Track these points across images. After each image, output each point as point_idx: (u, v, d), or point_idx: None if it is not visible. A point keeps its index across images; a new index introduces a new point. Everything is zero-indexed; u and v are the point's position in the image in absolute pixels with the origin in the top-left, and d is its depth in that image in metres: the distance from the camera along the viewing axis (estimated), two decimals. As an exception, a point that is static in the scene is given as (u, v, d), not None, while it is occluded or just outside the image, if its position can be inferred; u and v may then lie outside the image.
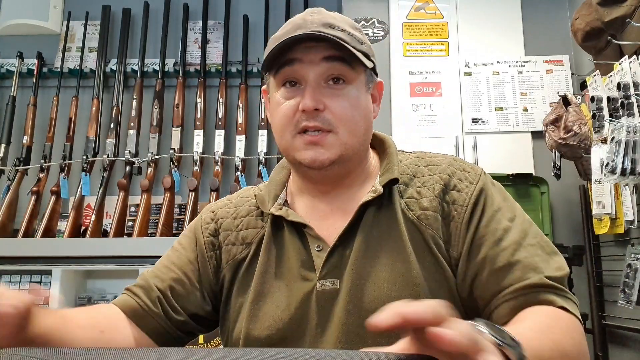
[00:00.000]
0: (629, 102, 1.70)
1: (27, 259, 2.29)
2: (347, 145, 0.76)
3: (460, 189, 0.78)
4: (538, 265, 0.73)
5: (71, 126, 2.68)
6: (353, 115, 0.76)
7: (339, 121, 0.75)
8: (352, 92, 0.77)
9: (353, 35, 0.77)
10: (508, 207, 0.79)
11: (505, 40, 2.55)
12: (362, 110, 0.79)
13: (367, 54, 0.79)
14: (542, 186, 2.34)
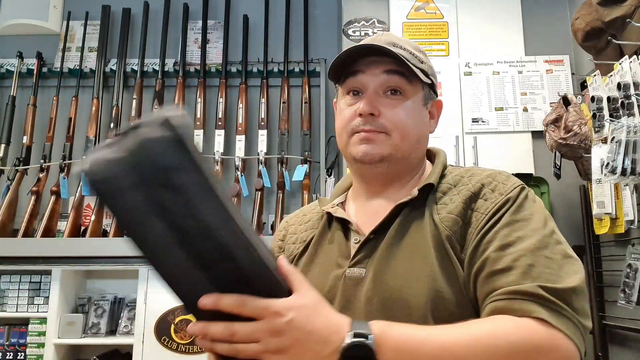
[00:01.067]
0: (629, 102, 1.70)
1: (27, 259, 2.29)
2: (397, 147, 0.83)
3: (488, 198, 0.79)
4: (541, 275, 0.69)
5: (71, 126, 2.68)
6: (406, 123, 0.84)
7: (393, 126, 0.83)
8: (407, 104, 0.84)
9: (414, 55, 0.86)
10: (538, 220, 0.76)
11: (506, 40, 2.55)
12: (416, 121, 0.86)
13: (426, 72, 0.86)
14: (542, 186, 2.34)
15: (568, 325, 0.65)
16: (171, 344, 2.19)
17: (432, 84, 0.88)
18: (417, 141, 0.86)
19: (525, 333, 0.64)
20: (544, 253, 0.71)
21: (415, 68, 0.83)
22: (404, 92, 0.84)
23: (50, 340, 2.23)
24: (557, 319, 0.65)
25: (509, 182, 0.81)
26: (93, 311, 2.37)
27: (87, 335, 2.31)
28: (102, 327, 2.33)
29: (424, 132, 0.88)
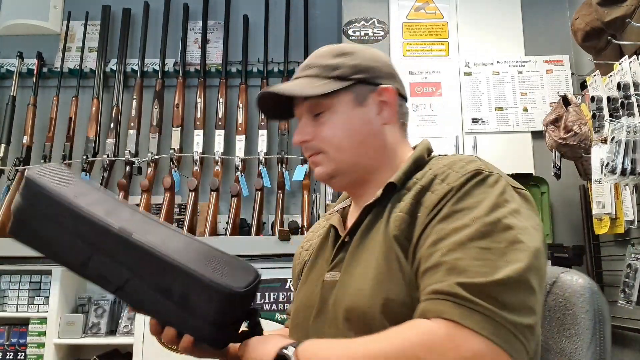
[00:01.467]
0: (629, 102, 1.70)
1: (27, 259, 2.28)
2: (337, 160, 0.86)
3: (435, 190, 0.76)
4: (468, 269, 0.64)
5: (71, 126, 2.69)
6: (335, 136, 0.85)
7: (325, 144, 0.86)
8: (332, 118, 0.86)
9: (328, 66, 0.87)
10: (484, 207, 0.70)
11: (505, 40, 2.55)
12: (347, 128, 0.85)
13: (344, 75, 0.86)
14: (542, 186, 2.34)
15: (480, 322, 0.61)
16: (171, 343, 2.19)
17: (364, 79, 0.86)
18: (357, 145, 0.85)
19: (416, 336, 0.62)
20: (480, 244, 0.66)
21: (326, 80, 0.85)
22: (326, 108, 0.86)
23: (50, 340, 2.23)
24: (467, 317, 0.61)
25: (462, 170, 0.76)
26: (93, 311, 2.37)
27: (87, 335, 2.31)
28: (102, 327, 2.33)
29: (366, 131, 0.86)
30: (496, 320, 0.61)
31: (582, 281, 0.86)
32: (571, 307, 0.84)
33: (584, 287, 0.85)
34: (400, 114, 0.91)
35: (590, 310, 0.83)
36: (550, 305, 0.86)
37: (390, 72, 0.90)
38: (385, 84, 0.88)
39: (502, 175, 0.78)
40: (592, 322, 0.82)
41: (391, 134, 0.90)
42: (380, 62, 0.90)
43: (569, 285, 0.86)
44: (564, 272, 0.89)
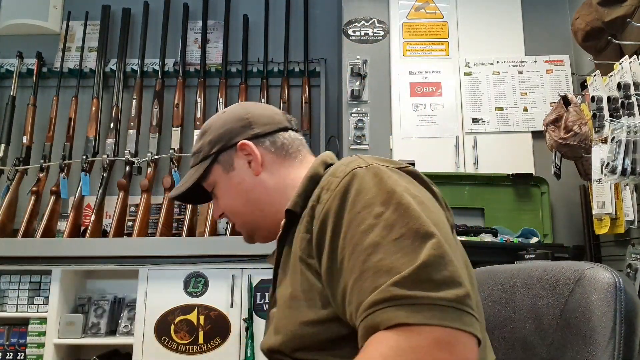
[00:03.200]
0: (629, 102, 1.70)
1: (27, 259, 2.28)
2: (241, 223, 0.95)
3: (322, 200, 0.74)
4: (394, 264, 0.62)
5: (71, 126, 2.68)
6: (227, 206, 0.95)
7: (230, 214, 0.96)
8: (219, 192, 0.95)
9: (194, 152, 0.97)
10: (379, 202, 0.68)
11: (506, 40, 2.55)
12: (232, 195, 0.94)
13: (205, 155, 0.95)
14: (542, 186, 2.34)
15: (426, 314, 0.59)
16: (171, 344, 2.19)
17: (220, 150, 0.93)
18: (245, 204, 0.93)
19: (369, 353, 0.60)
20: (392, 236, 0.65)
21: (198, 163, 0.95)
22: (212, 186, 0.95)
23: (50, 340, 2.23)
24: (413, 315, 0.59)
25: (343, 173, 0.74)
26: (93, 311, 2.37)
27: (87, 335, 2.31)
28: (102, 327, 2.33)
29: (246, 190, 0.92)
30: (439, 304, 0.59)
31: (608, 277, 0.77)
32: (591, 306, 0.77)
33: (609, 284, 0.76)
34: (276, 148, 0.93)
35: (611, 309, 0.75)
36: (571, 306, 0.80)
37: (243, 124, 0.93)
38: (241, 139, 0.92)
39: (381, 164, 0.76)
40: (611, 322, 0.74)
41: (271, 175, 0.92)
42: (230, 122, 0.94)
43: (592, 282, 0.79)
44: (590, 267, 0.81)
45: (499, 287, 0.98)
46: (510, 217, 2.30)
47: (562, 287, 0.83)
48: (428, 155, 2.38)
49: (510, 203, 2.34)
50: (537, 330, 0.86)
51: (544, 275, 0.88)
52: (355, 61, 2.49)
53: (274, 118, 0.96)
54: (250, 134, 0.93)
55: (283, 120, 0.96)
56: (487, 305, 0.98)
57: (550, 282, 0.86)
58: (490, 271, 1.04)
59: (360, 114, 2.45)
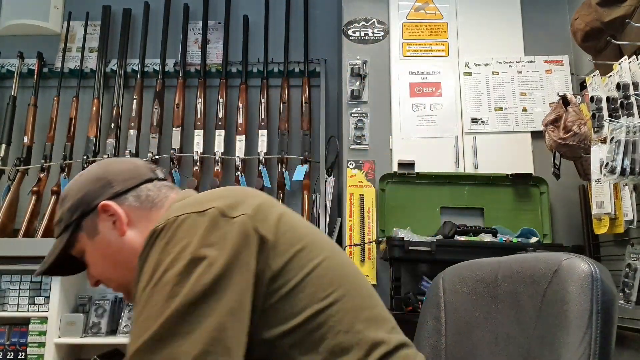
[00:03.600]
0: (628, 102, 1.70)
1: (27, 259, 2.29)
2: (119, 285, 0.91)
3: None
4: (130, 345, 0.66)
5: (71, 126, 2.69)
6: (98, 272, 0.91)
7: (102, 279, 0.92)
8: (88, 259, 0.91)
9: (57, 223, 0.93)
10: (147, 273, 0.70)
11: (505, 40, 2.56)
12: (99, 261, 0.90)
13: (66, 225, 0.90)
14: (541, 186, 2.34)
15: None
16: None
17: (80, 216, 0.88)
18: (114, 268, 0.88)
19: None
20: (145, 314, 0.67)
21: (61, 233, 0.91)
22: (81, 254, 0.91)
23: (50, 340, 2.23)
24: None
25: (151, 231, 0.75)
26: (94, 311, 2.37)
27: (87, 334, 2.32)
28: (103, 327, 2.34)
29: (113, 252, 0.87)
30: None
31: (584, 267, 0.78)
32: (567, 298, 0.77)
33: (585, 273, 0.77)
34: (140, 202, 0.88)
35: (587, 299, 0.75)
36: (549, 298, 0.81)
37: (101, 185, 0.89)
38: (101, 200, 0.88)
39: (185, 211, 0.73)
40: (587, 313, 0.74)
41: (139, 233, 0.87)
42: (87, 186, 0.89)
43: (569, 273, 0.79)
44: (567, 258, 0.81)
45: (482, 282, 0.98)
46: (509, 217, 2.31)
47: (540, 278, 0.83)
48: (428, 155, 2.39)
49: (509, 203, 2.35)
50: (519, 322, 0.86)
51: (524, 268, 0.88)
52: (355, 61, 2.50)
53: (135, 172, 0.91)
54: (110, 192, 0.88)
55: (146, 172, 0.92)
56: (471, 300, 0.99)
57: (529, 274, 0.86)
58: (473, 265, 1.04)
59: (360, 114, 2.46)
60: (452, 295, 1.06)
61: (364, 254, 2.29)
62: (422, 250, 2.02)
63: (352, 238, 2.31)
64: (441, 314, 1.07)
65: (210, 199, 0.75)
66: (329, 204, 2.48)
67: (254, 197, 0.78)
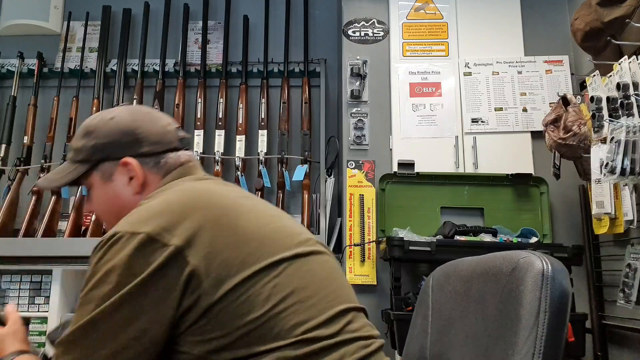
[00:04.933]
0: (628, 102, 1.70)
1: (27, 259, 2.29)
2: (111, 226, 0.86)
3: None
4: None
5: (72, 126, 2.69)
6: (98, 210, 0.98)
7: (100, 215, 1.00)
8: (93, 194, 0.97)
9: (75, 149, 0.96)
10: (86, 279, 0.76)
11: (505, 40, 2.56)
12: (103, 202, 0.95)
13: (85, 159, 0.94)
14: (541, 186, 2.34)
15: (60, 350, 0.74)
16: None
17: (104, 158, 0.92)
18: (114, 217, 0.88)
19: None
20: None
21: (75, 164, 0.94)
22: (89, 186, 0.96)
23: (50, 340, 2.23)
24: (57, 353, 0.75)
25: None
26: (93, 311, 2.37)
27: (87, 335, 2.31)
28: (103, 327, 2.33)
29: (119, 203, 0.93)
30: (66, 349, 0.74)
31: (538, 265, 0.76)
32: (519, 295, 0.76)
33: (537, 271, 0.76)
34: (159, 169, 0.92)
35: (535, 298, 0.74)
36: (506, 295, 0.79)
37: (132, 140, 0.91)
38: (128, 155, 0.91)
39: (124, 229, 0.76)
40: (535, 311, 0.73)
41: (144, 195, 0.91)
42: (118, 134, 0.92)
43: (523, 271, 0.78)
44: (525, 256, 0.80)
45: (461, 280, 0.96)
46: (509, 217, 2.31)
47: (501, 276, 0.82)
48: (428, 155, 2.39)
49: (509, 203, 2.35)
50: (483, 321, 0.84)
51: (490, 266, 0.86)
52: (355, 61, 2.50)
53: (164, 137, 0.94)
54: (136, 151, 0.91)
55: (173, 140, 0.95)
56: (452, 298, 0.97)
57: (494, 272, 0.84)
58: (458, 264, 1.02)
59: (360, 114, 2.46)
60: (438, 293, 1.04)
61: (364, 254, 2.29)
62: (422, 250, 2.02)
63: (352, 238, 2.31)
64: (428, 313, 1.06)
65: (147, 216, 0.76)
66: (329, 204, 2.48)
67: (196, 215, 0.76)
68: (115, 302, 0.71)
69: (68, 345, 0.73)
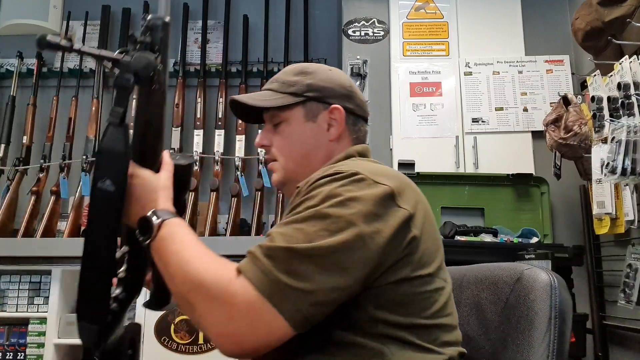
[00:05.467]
0: (629, 102, 1.70)
1: (27, 259, 2.28)
2: (287, 169, 0.96)
3: (300, 191, 0.83)
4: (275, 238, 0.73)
5: (71, 126, 2.68)
6: (286, 146, 0.96)
7: (278, 152, 0.97)
8: (286, 129, 0.96)
9: (286, 82, 0.96)
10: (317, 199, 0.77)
11: (506, 40, 2.55)
12: (297, 140, 0.95)
13: (298, 92, 0.95)
14: (542, 186, 2.34)
15: (255, 272, 0.69)
16: (171, 344, 2.19)
17: (316, 97, 0.94)
18: (303, 157, 0.94)
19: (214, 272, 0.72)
20: (296, 225, 0.73)
21: (282, 94, 0.95)
22: (282, 119, 0.96)
23: (50, 340, 2.23)
24: (248, 269, 0.70)
25: (319, 174, 0.82)
26: (93, 311, 2.36)
27: (87, 335, 2.31)
28: (102, 327, 2.33)
29: (313, 145, 0.95)
30: (269, 277, 0.68)
31: (544, 277, 0.87)
32: (529, 304, 0.86)
33: (545, 283, 0.86)
34: (353, 131, 0.97)
35: (547, 306, 0.85)
36: (511, 303, 0.88)
37: (346, 93, 0.97)
38: (337, 104, 0.95)
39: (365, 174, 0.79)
40: (547, 318, 0.84)
41: (338, 149, 0.95)
42: (335, 84, 0.96)
43: (530, 282, 0.88)
44: (528, 268, 0.90)
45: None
46: (510, 217, 2.30)
47: (503, 286, 0.92)
48: (428, 155, 2.38)
49: (510, 203, 2.34)
50: (481, 326, 0.93)
51: (487, 276, 0.96)
52: (355, 61, 2.49)
53: (365, 106, 1.00)
54: (347, 105, 0.95)
55: (368, 112, 1.01)
56: None
57: (493, 281, 0.94)
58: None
59: (360, 114, 2.45)
60: None
61: (364, 254, 2.29)
62: (423, 251, 2.01)
63: (352, 238, 2.31)
64: None
65: (381, 173, 0.80)
66: (329, 204, 2.47)
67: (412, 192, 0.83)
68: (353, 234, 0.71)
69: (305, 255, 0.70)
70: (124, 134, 0.80)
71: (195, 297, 0.71)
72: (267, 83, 1.00)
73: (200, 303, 0.70)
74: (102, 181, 0.76)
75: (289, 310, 0.67)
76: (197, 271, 0.72)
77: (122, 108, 0.81)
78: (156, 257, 0.77)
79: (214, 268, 0.72)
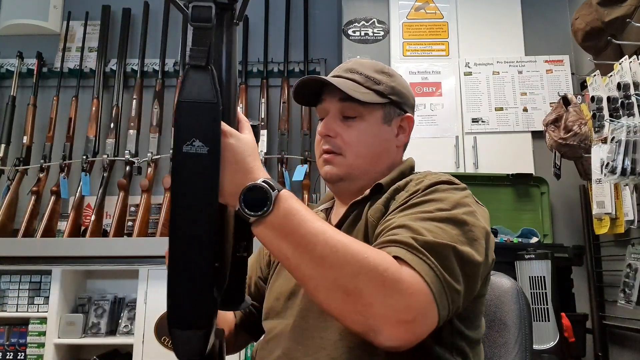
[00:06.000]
0: (629, 102, 1.70)
1: (27, 259, 2.29)
2: (352, 166, 0.91)
3: (408, 189, 0.84)
4: (421, 231, 0.70)
5: (71, 126, 2.68)
6: (360, 143, 0.92)
7: (347, 146, 0.91)
8: (361, 125, 0.92)
9: (370, 77, 0.93)
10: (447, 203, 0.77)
11: (505, 40, 2.55)
12: (372, 140, 0.93)
13: (383, 92, 0.93)
14: (542, 186, 2.34)
15: (422, 266, 0.66)
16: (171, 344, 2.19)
17: (396, 102, 0.94)
18: (374, 157, 0.93)
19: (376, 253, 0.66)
20: (437, 224, 0.72)
21: (367, 90, 0.91)
22: (359, 115, 0.92)
23: (50, 340, 2.23)
24: (417, 263, 0.66)
25: (435, 178, 0.83)
26: (93, 311, 2.37)
27: (87, 335, 2.31)
28: (102, 327, 2.33)
29: (384, 147, 0.94)
30: (437, 274, 0.67)
31: (509, 283, 1.00)
32: (500, 305, 0.98)
33: (511, 288, 0.99)
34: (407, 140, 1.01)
35: (516, 308, 0.97)
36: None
37: (413, 103, 1.00)
38: (409, 113, 0.98)
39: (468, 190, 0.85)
40: (518, 318, 0.96)
41: (398, 156, 0.99)
42: (410, 93, 0.99)
43: (498, 286, 1.00)
44: (493, 274, 0.99)
45: None
46: (510, 217, 2.30)
47: None
48: (428, 155, 2.38)
49: (510, 203, 2.34)
50: None
51: None
52: (355, 61, 2.49)
53: None
54: (413, 114, 1.00)
55: None
56: None
57: None
58: None
59: (360, 114, 2.45)
60: None
61: (364, 254, 2.29)
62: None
63: (352, 238, 2.31)
64: None
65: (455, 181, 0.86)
66: (329, 204, 2.47)
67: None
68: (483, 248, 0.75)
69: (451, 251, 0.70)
70: (212, 77, 0.60)
71: (365, 282, 0.63)
72: (341, 71, 0.95)
73: (371, 289, 0.63)
74: (188, 144, 0.59)
75: (444, 307, 0.67)
76: (361, 254, 0.64)
77: (205, 47, 0.60)
78: (278, 235, 0.65)
79: (375, 252, 0.66)
